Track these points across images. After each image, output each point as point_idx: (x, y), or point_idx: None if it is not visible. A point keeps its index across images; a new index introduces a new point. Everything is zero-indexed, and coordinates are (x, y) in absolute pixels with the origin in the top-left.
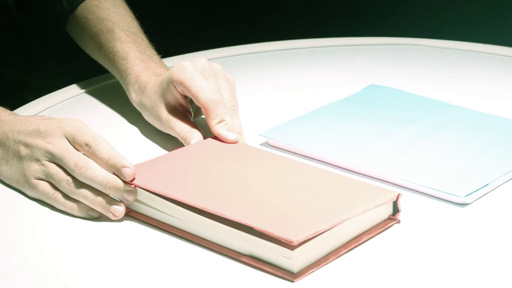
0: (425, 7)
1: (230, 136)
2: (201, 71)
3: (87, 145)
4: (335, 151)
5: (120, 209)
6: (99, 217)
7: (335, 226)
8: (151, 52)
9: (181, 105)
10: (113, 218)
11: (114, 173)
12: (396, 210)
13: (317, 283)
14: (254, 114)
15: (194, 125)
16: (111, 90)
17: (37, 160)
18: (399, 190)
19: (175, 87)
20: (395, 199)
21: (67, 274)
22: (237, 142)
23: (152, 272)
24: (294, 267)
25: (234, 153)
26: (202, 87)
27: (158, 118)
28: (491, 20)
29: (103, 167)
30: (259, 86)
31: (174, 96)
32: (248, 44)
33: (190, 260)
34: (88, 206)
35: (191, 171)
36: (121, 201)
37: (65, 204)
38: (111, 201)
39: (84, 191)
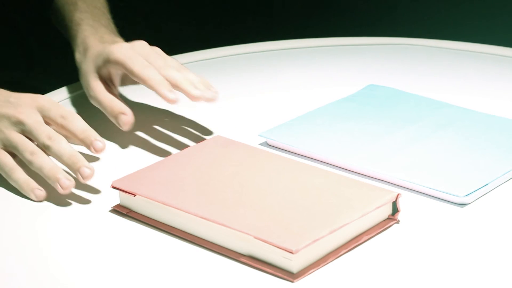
0: (425, 7)
1: (170, 95)
2: (137, 50)
3: (62, 117)
4: (334, 151)
5: (88, 171)
6: (42, 200)
7: (334, 231)
8: (106, 22)
9: (112, 82)
10: (82, 180)
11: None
12: (395, 210)
13: (317, 283)
14: (253, 114)
15: (121, 102)
16: None
17: (2, 130)
18: (398, 190)
19: (110, 64)
20: (394, 199)
21: (67, 274)
22: (199, 97)
23: (152, 272)
24: (294, 267)
25: (232, 155)
26: (134, 61)
27: (88, 87)
28: (491, 20)
29: (74, 140)
30: (258, 86)
31: (108, 73)
32: (247, 43)
33: (189, 260)
34: (35, 185)
35: (190, 177)
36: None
37: (17, 179)
38: (80, 167)
39: (48, 161)
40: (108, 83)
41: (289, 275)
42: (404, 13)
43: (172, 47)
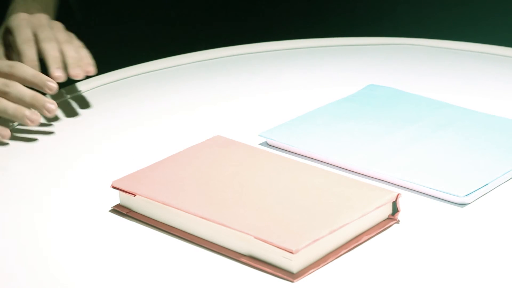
0: (425, 7)
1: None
2: (33, 21)
3: (9, 66)
4: (334, 151)
5: (53, 106)
6: (7, 139)
7: (334, 231)
8: (44, 2)
9: (12, 49)
10: (48, 115)
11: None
12: (395, 210)
13: (317, 283)
14: (253, 114)
15: None
16: (110, 90)
17: None
18: (398, 190)
19: (6, 32)
20: (394, 199)
21: (67, 274)
22: (58, 78)
23: (152, 272)
24: (294, 267)
25: (232, 155)
26: (20, 32)
27: None
28: (491, 20)
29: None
30: (258, 86)
31: (8, 40)
32: (247, 43)
33: (189, 260)
34: None
35: (190, 177)
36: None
37: None
38: (44, 102)
39: (9, 103)
40: (9, 50)
41: (289, 275)
42: (404, 13)
43: (172, 48)
